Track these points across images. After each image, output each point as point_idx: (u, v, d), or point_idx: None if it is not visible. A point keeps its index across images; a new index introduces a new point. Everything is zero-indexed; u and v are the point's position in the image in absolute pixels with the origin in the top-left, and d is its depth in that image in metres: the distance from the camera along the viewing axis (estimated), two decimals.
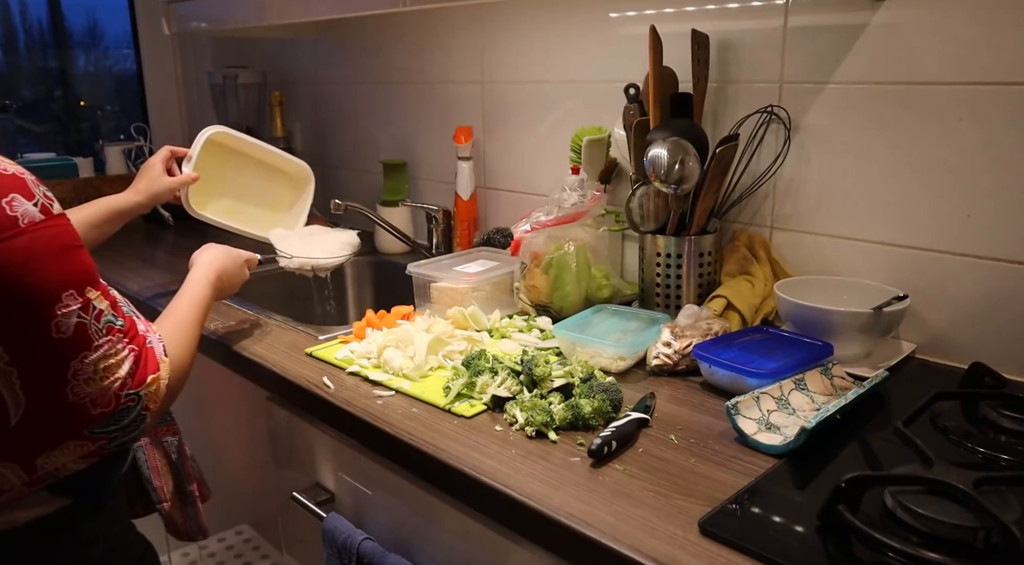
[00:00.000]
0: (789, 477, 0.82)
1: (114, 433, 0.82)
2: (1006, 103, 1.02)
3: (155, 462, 1.10)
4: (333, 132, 2.24)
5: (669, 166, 1.15)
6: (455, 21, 1.75)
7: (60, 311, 0.75)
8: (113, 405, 0.81)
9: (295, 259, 1.49)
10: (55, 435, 0.79)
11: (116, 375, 0.81)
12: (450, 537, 0.95)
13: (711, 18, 1.29)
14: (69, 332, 0.76)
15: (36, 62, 2.57)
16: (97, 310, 0.79)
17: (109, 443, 0.83)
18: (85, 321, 0.78)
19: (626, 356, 1.09)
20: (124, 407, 0.82)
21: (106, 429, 0.81)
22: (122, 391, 0.81)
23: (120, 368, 0.81)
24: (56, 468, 0.81)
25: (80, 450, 0.81)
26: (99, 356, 0.79)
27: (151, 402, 0.85)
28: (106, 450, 0.83)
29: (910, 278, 1.14)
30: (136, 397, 0.83)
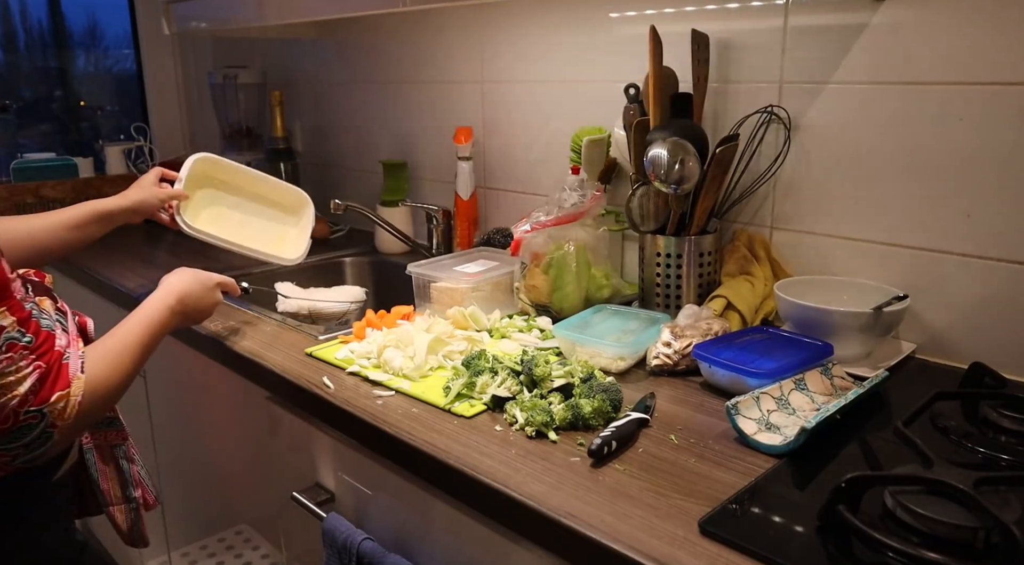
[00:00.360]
0: (789, 477, 0.82)
1: (15, 450, 0.81)
2: (1006, 103, 1.02)
3: (102, 466, 1.09)
4: (333, 132, 2.24)
5: (669, 166, 1.15)
6: (455, 21, 1.75)
7: None
8: (11, 422, 0.79)
9: (292, 301, 1.39)
10: None
11: (15, 392, 0.79)
12: (450, 537, 0.95)
13: (711, 18, 1.29)
14: None
15: (36, 62, 2.57)
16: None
17: (12, 460, 0.81)
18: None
19: (626, 356, 1.09)
20: (24, 424, 0.80)
21: (6, 446, 0.80)
22: (21, 408, 0.79)
23: (20, 385, 0.79)
24: None
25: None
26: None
27: (58, 419, 0.83)
28: (11, 467, 0.82)
29: (910, 278, 1.14)
30: (39, 415, 0.81)
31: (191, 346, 1.40)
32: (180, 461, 1.71)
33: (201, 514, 1.72)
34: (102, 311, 1.66)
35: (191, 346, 1.40)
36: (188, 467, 1.70)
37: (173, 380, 1.62)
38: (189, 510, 1.77)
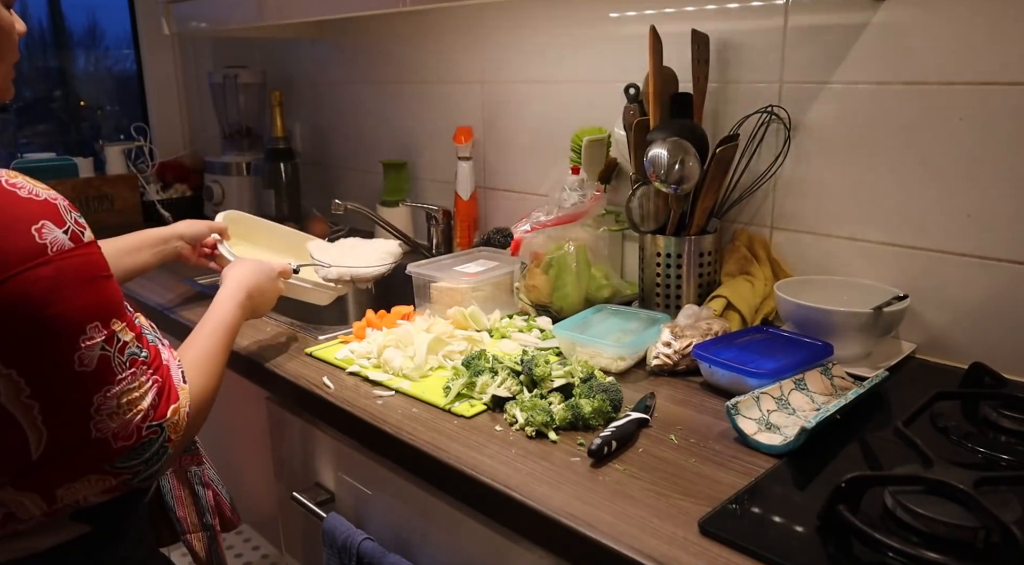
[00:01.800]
0: (789, 477, 0.82)
1: (136, 467, 0.80)
2: (1006, 103, 1.02)
3: (179, 492, 1.07)
4: (333, 132, 2.24)
5: (669, 166, 1.15)
6: (455, 21, 1.75)
7: (84, 343, 0.73)
8: (135, 438, 0.79)
9: (333, 269, 1.40)
10: (76, 469, 0.77)
11: (139, 407, 0.79)
12: (450, 537, 0.95)
13: (711, 18, 1.29)
14: (92, 365, 0.74)
15: (36, 62, 2.57)
16: (121, 342, 0.77)
17: (132, 478, 0.81)
18: (109, 353, 0.76)
19: (626, 356, 1.09)
20: (147, 439, 0.80)
21: (128, 463, 0.79)
22: (144, 423, 0.79)
23: (143, 400, 0.79)
24: (77, 500, 0.79)
25: (102, 484, 0.79)
26: (121, 389, 0.77)
27: (173, 433, 0.82)
28: (129, 485, 0.81)
29: (910, 278, 1.14)
30: (159, 429, 0.80)
31: None
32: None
33: None
34: None
35: None
36: None
37: None
38: None
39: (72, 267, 0.73)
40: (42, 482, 0.76)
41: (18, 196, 0.70)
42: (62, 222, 0.73)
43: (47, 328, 0.71)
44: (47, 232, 0.71)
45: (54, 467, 0.76)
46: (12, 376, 0.70)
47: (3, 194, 0.70)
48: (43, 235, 0.71)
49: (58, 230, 0.72)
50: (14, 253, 0.68)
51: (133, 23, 2.61)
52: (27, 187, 0.72)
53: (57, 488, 0.77)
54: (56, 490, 0.77)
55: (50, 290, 0.70)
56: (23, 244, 0.69)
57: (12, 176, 0.72)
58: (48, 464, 0.75)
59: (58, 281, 0.71)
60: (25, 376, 0.71)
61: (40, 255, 0.70)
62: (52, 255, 0.71)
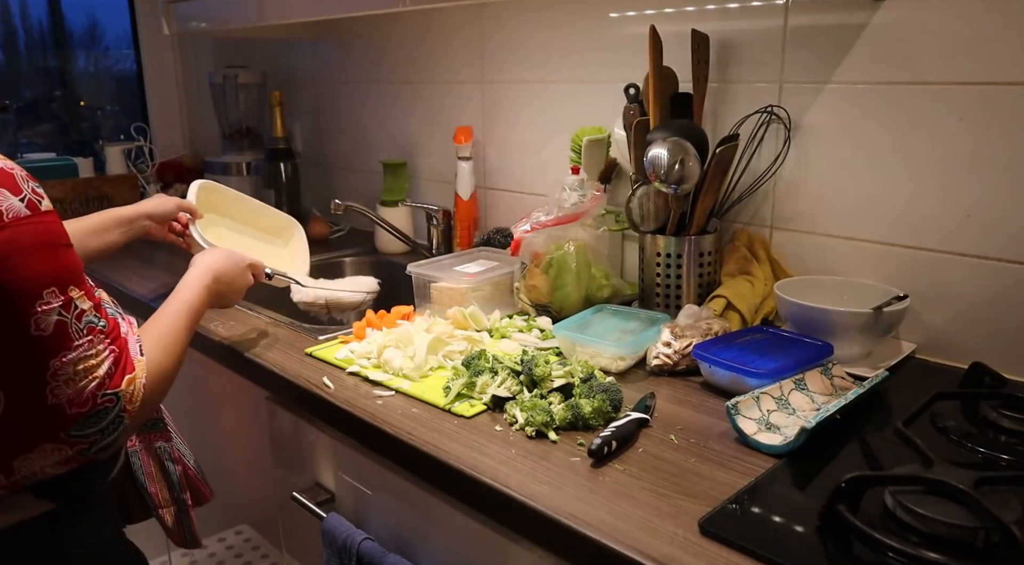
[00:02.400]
0: (789, 477, 0.82)
1: (92, 436, 0.81)
2: (1006, 103, 1.02)
3: (149, 469, 1.09)
4: (333, 132, 2.24)
5: (669, 166, 1.15)
6: (455, 21, 1.75)
7: (40, 308, 0.75)
8: (90, 406, 0.80)
9: (308, 290, 1.39)
10: (32, 438, 0.78)
11: (94, 375, 0.80)
12: (450, 537, 0.95)
13: (711, 18, 1.29)
14: (49, 330, 0.76)
15: (36, 62, 2.57)
16: (79, 309, 0.79)
17: (88, 448, 0.82)
18: (66, 320, 0.77)
19: (626, 356, 1.09)
20: (102, 407, 0.81)
21: (83, 432, 0.80)
22: (99, 391, 0.80)
23: (99, 369, 0.80)
24: (34, 472, 0.80)
25: (58, 454, 0.80)
26: (78, 356, 0.78)
27: (128, 404, 0.84)
28: (86, 456, 0.82)
29: (910, 278, 1.14)
30: (114, 397, 0.82)
31: (191, 346, 1.40)
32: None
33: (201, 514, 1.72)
34: None
35: (191, 346, 1.40)
36: None
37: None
38: None
39: (28, 234, 0.74)
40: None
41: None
42: (18, 190, 0.75)
43: (4, 292, 0.73)
44: (2, 199, 0.73)
45: (10, 437, 0.77)
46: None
47: None
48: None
49: (14, 198, 0.74)
50: None
51: (133, 23, 2.61)
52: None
53: (14, 459, 0.78)
54: (13, 461, 0.78)
55: (5, 255, 0.72)
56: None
57: None
58: (4, 434, 0.76)
59: (13, 246, 0.73)
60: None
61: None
62: (7, 221, 0.73)
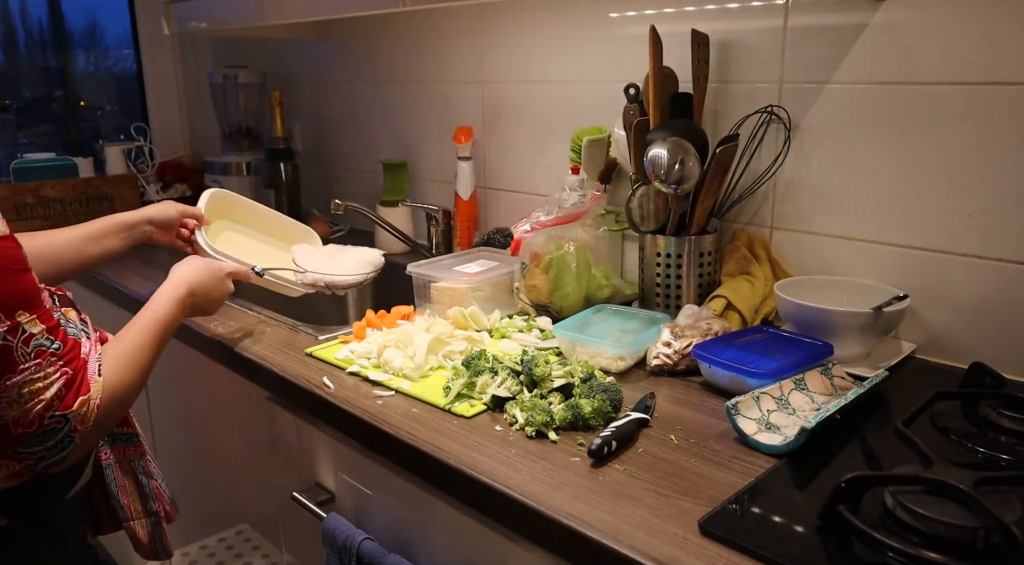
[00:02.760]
0: (789, 477, 0.82)
1: (39, 453, 0.82)
2: (1006, 103, 1.02)
3: (122, 481, 1.09)
4: (333, 132, 2.24)
5: (669, 166, 1.15)
6: (455, 21, 1.75)
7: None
8: (36, 426, 0.80)
9: (308, 274, 1.36)
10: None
11: (41, 397, 0.80)
12: (450, 537, 0.95)
13: (711, 18, 1.29)
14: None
15: (36, 62, 2.57)
16: (26, 333, 0.79)
17: (36, 464, 0.82)
18: (11, 344, 0.77)
19: (626, 356, 1.09)
20: (48, 428, 0.81)
21: (30, 450, 0.81)
22: (46, 412, 0.80)
23: (46, 391, 0.80)
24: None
25: (5, 469, 0.81)
26: (23, 379, 0.78)
27: (80, 424, 0.84)
28: (34, 470, 0.83)
29: (910, 278, 1.14)
30: (63, 419, 0.82)
31: (191, 346, 1.40)
32: (180, 461, 1.70)
33: (201, 514, 1.72)
34: (103, 312, 1.66)
35: (191, 346, 1.40)
36: (188, 467, 1.70)
37: (173, 380, 1.62)
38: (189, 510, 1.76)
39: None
40: None
41: None
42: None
43: None
44: None
45: None
46: None
47: None
48: None
49: None
50: None
51: (133, 23, 2.62)
52: None
53: None
54: None
55: None
56: None
57: None
58: None
59: None
60: None
61: None
62: None
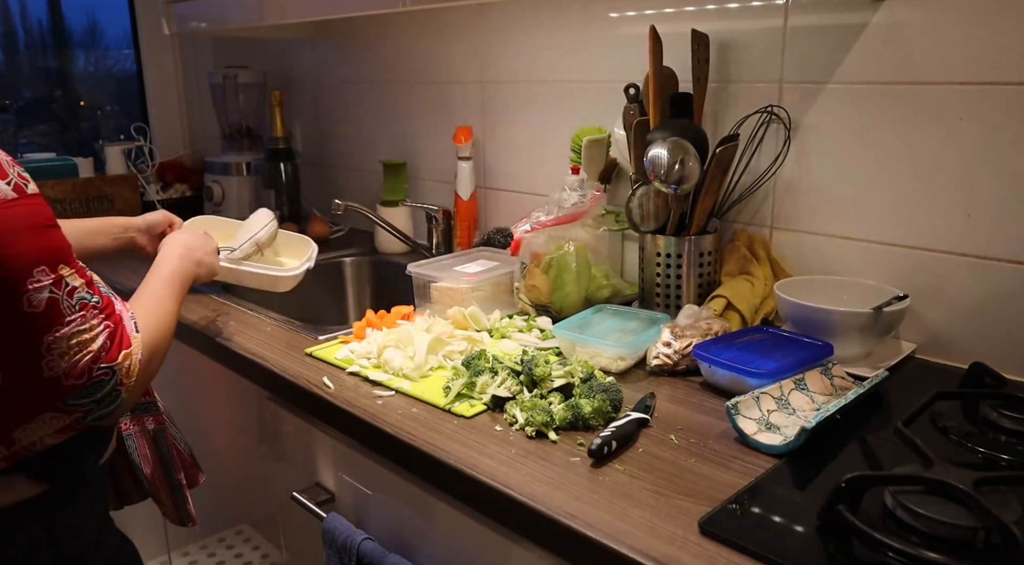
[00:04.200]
0: (789, 477, 0.82)
1: (88, 406, 0.84)
2: (1006, 103, 1.02)
3: (144, 450, 1.12)
4: (333, 132, 2.24)
5: (669, 166, 1.15)
6: (455, 21, 1.75)
7: (31, 286, 0.77)
8: (86, 378, 0.82)
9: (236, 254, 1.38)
10: (31, 407, 0.81)
11: (88, 349, 0.82)
12: (450, 537, 0.95)
13: (711, 18, 1.29)
14: (41, 306, 0.78)
15: (36, 62, 2.57)
16: (70, 286, 0.81)
17: (85, 417, 0.84)
18: (57, 296, 0.80)
19: (626, 356, 1.09)
20: (97, 380, 0.83)
21: (80, 401, 0.83)
22: (94, 364, 0.83)
23: (93, 343, 0.83)
24: (34, 442, 0.83)
25: (56, 423, 0.83)
26: (70, 330, 0.81)
27: (125, 377, 0.86)
28: (82, 424, 0.85)
29: (910, 278, 1.14)
30: (110, 371, 0.84)
31: (191, 346, 1.40)
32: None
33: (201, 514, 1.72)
34: None
35: (191, 346, 1.40)
36: None
37: (173, 380, 1.62)
38: None
39: (16, 215, 0.77)
40: None
41: None
42: (4, 174, 0.78)
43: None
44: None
45: (10, 409, 0.80)
46: None
47: None
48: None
49: (1, 181, 0.77)
50: None
51: (133, 23, 2.61)
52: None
53: (14, 430, 0.81)
54: (13, 432, 0.81)
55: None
56: None
57: None
58: (4, 406, 0.80)
59: (2, 228, 0.76)
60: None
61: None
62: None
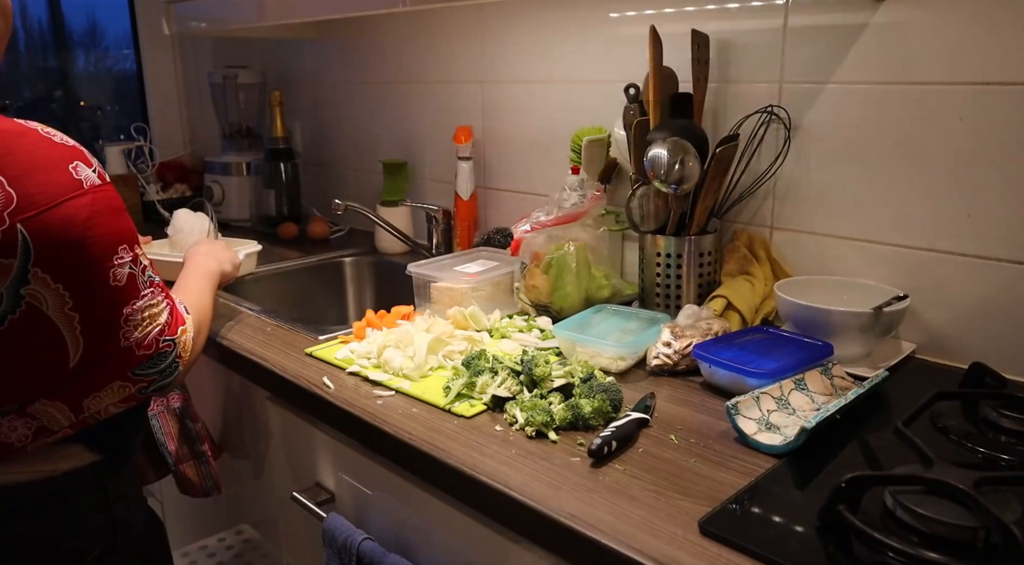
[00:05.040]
0: (789, 477, 0.82)
1: (152, 376, 0.92)
2: (1006, 103, 1.02)
3: (168, 428, 1.22)
4: (333, 132, 2.24)
5: (669, 166, 1.15)
6: (455, 21, 1.75)
7: (116, 262, 0.86)
8: (154, 349, 0.91)
9: None
10: (104, 376, 0.88)
11: (157, 322, 0.92)
12: (450, 537, 0.95)
13: (711, 18, 1.29)
14: (123, 281, 0.87)
15: (36, 62, 2.57)
16: (143, 265, 0.91)
17: (148, 387, 0.93)
18: (135, 272, 0.89)
19: (626, 356, 1.09)
20: (163, 351, 0.92)
21: (147, 371, 0.91)
22: (161, 336, 0.92)
23: (160, 316, 0.93)
24: (99, 411, 0.90)
25: (123, 392, 0.91)
26: (144, 303, 0.90)
27: (183, 351, 0.95)
28: (144, 394, 0.92)
29: (910, 278, 1.14)
30: (172, 343, 0.94)
31: None
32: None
33: (201, 514, 1.72)
34: None
35: None
36: None
37: None
38: (189, 510, 1.76)
39: (103, 199, 0.86)
40: (72, 392, 0.87)
41: (54, 141, 0.85)
42: (90, 163, 0.87)
43: (88, 248, 0.83)
44: (81, 170, 0.85)
45: (85, 378, 0.87)
46: (59, 290, 0.82)
47: (42, 140, 0.84)
48: (78, 172, 0.84)
49: (88, 169, 0.86)
50: (58, 185, 0.81)
51: (133, 23, 2.61)
52: (58, 135, 0.86)
53: (84, 398, 0.88)
54: (83, 400, 0.88)
55: (89, 216, 0.83)
56: (64, 179, 0.82)
57: (45, 127, 0.86)
58: (80, 375, 0.87)
59: (94, 209, 0.84)
60: (70, 290, 0.82)
61: (78, 188, 0.83)
62: (87, 188, 0.84)
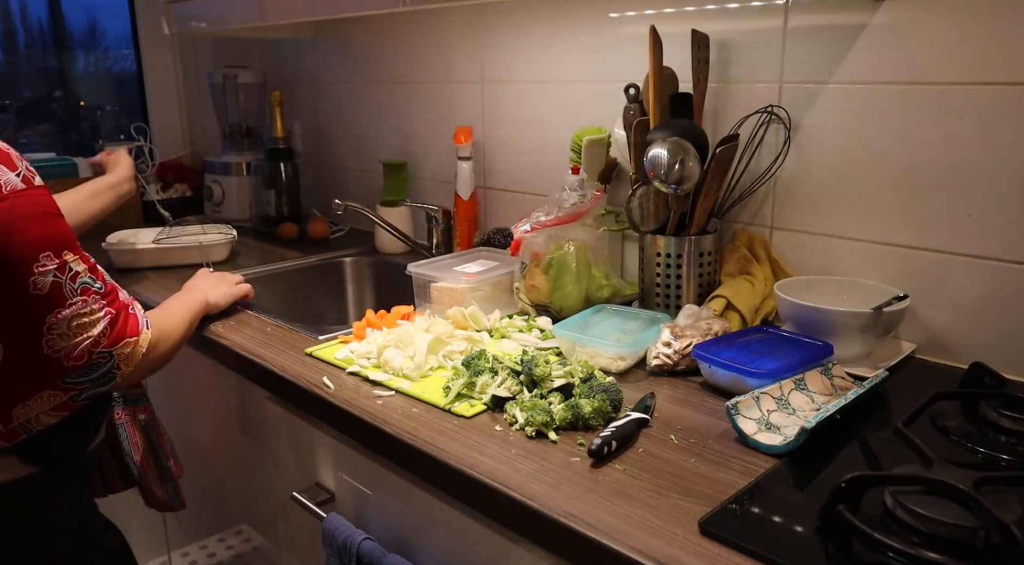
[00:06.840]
0: (789, 477, 0.82)
1: (83, 384, 0.89)
2: (1006, 103, 1.02)
3: (135, 439, 1.19)
4: (333, 132, 2.24)
5: (669, 166, 1.15)
6: (455, 21, 1.75)
7: (37, 270, 0.84)
8: (84, 360, 0.89)
9: None
10: (30, 385, 0.87)
11: (88, 333, 0.88)
12: (450, 537, 0.95)
13: (711, 18, 1.29)
14: (45, 289, 0.84)
15: (36, 62, 2.57)
16: (73, 271, 0.88)
17: (79, 394, 0.90)
18: (60, 280, 0.86)
19: (626, 356, 1.09)
20: (95, 362, 0.90)
21: (77, 380, 0.89)
22: (94, 348, 0.89)
23: (93, 327, 0.89)
24: (29, 420, 0.88)
25: (53, 400, 0.89)
26: (72, 313, 0.87)
27: (123, 363, 0.93)
28: (76, 402, 0.90)
29: (910, 278, 1.14)
30: (108, 355, 0.91)
31: (191, 346, 1.40)
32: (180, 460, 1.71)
33: (201, 514, 1.72)
34: None
35: (191, 346, 1.40)
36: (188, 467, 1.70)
37: (173, 380, 1.62)
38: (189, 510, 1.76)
39: (24, 204, 0.83)
40: None
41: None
42: (14, 167, 0.84)
43: (4, 256, 0.81)
44: (1, 174, 0.82)
45: (9, 386, 0.86)
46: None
47: None
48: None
49: (11, 173, 0.83)
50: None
51: (133, 23, 2.61)
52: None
53: (12, 407, 0.86)
54: (12, 409, 0.86)
55: (6, 222, 0.81)
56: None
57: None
58: (4, 381, 0.85)
59: (13, 215, 0.81)
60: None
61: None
62: (6, 193, 0.82)
